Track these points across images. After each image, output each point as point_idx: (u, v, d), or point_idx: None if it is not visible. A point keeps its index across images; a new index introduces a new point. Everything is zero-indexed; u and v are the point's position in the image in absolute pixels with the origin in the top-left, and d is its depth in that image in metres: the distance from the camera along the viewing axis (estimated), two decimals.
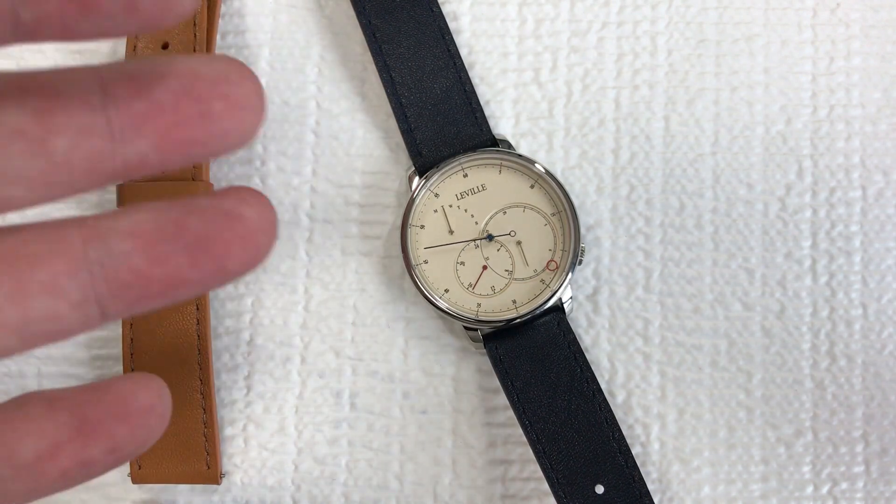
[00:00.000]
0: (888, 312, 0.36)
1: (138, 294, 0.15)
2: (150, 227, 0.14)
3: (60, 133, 0.14)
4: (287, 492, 0.36)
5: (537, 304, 0.34)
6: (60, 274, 0.14)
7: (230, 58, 0.15)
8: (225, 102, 0.14)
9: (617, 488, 0.33)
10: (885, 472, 0.35)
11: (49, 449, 0.15)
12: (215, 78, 0.14)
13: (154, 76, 0.14)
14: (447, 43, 0.36)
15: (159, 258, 0.14)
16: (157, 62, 0.14)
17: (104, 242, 0.14)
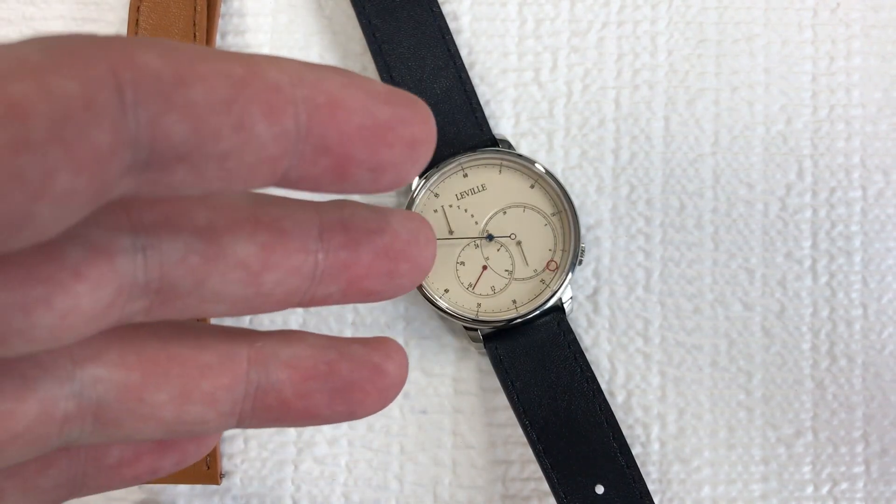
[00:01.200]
0: (888, 312, 0.36)
1: (273, 417, 0.16)
2: (308, 363, 0.16)
3: (275, 270, 0.15)
4: (287, 492, 0.36)
5: (537, 304, 0.34)
6: (222, 388, 0.15)
7: (420, 218, 0.16)
8: (410, 265, 0.16)
9: (617, 488, 0.33)
10: (886, 472, 0.35)
11: (131, 457, 0.17)
12: (408, 239, 0.16)
13: (365, 232, 0.15)
14: (447, 43, 0.36)
15: (305, 394, 0.16)
16: (370, 216, 0.16)
17: (265, 367, 0.16)
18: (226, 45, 0.38)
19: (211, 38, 0.37)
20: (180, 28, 0.36)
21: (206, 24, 0.36)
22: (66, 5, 0.38)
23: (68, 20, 0.38)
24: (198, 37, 0.36)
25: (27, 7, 0.38)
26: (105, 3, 0.38)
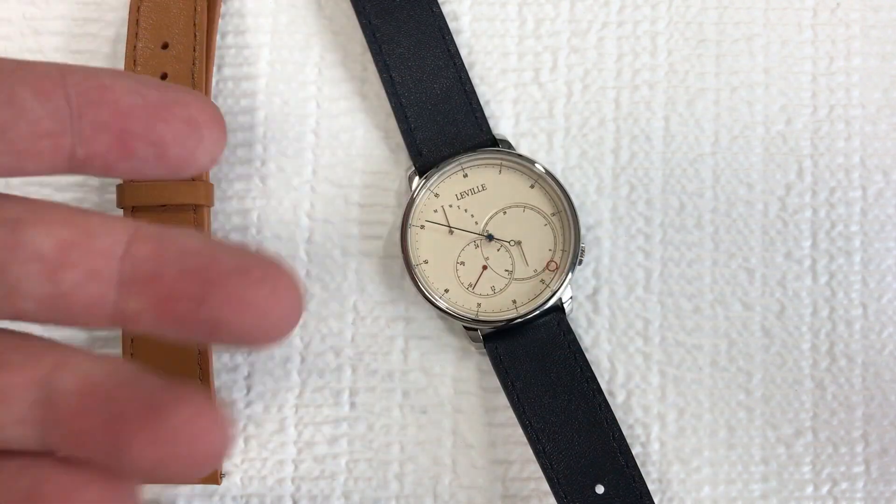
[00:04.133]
0: (888, 312, 0.36)
1: (63, 435, 0.15)
2: (87, 390, 0.15)
3: (73, 268, 0.15)
4: (287, 492, 0.36)
5: (537, 304, 0.34)
6: (17, 387, 0.15)
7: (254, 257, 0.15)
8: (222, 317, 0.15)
9: (617, 488, 0.33)
10: (886, 472, 0.35)
11: None
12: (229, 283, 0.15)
13: (177, 249, 0.15)
14: (447, 43, 0.36)
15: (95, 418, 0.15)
16: (188, 242, 0.15)
17: (59, 377, 0.15)
18: (226, 44, 0.38)
19: (211, 38, 0.37)
20: (180, 28, 0.36)
21: (206, 24, 0.36)
22: (66, 5, 0.38)
23: (68, 20, 0.38)
24: (198, 37, 0.36)
25: (27, 7, 0.38)
26: (105, 3, 0.38)
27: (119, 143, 0.15)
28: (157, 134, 0.15)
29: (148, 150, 0.15)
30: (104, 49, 0.38)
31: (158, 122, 0.15)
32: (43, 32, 0.38)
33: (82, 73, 0.15)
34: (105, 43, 0.38)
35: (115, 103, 0.15)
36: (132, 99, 0.15)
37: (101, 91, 0.15)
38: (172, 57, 0.36)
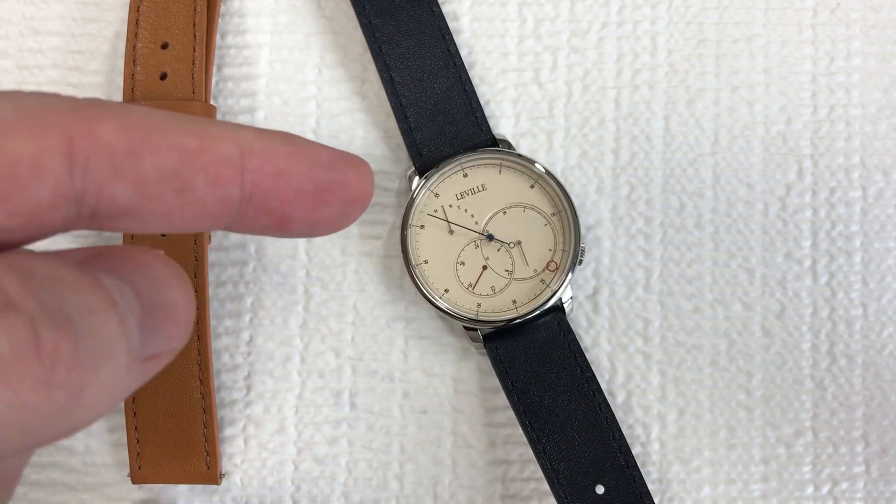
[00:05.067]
0: (888, 312, 0.36)
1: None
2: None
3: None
4: (287, 492, 0.36)
5: (537, 304, 0.34)
6: None
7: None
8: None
9: (617, 488, 0.33)
10: (886, 472, 0.35)
11: None
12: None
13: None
14: (447, 43, 0.36)
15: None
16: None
17: None
18: (226, 44, 0.38)
19: (211, 38, 0.37)
20: (180, 28, 0.36)
21: (205, 25, 0.36)
22: (65, 5, 0.38)
23: (68, 20, 0.38)
24: (198, 37, 0.36)
25: (27, 7, 0.38)
26: (105, 3, 0.38)
27: (278, 225, 0.15)
28: (316, 217, 0.15)
29: (303, 228, 0.15)
30: (104, 49, 0.38)
31: (320, 206, 0.15)
32: (42, 32, 0.38)
33: (262, 156, 0.15)
34: (104, 42, 0.38)
35: (287, 190, 0.15)
36: (303, 185, 0.15)
37: (276, 179, 0.15)
38: (172, 57, 0.35)
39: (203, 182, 0.14)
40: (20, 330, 0.12)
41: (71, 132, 0.13)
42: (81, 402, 0.13)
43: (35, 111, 0.13)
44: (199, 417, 0.35)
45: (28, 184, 0.13)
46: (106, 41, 0.38)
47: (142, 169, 0.14)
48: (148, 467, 0.34)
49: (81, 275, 0.13)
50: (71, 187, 0.13)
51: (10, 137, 0.13)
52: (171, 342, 0.15)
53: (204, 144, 0.14)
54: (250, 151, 0.15)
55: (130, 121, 0.14)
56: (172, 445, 0.34)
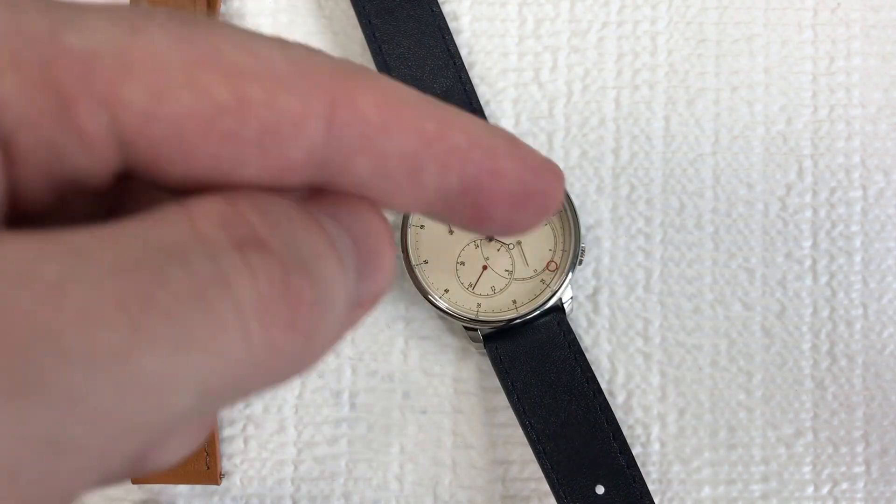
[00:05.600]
0: (888, 312, 0.36)
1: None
2: None
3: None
4: (287, 492, 0.36)
5: (537, 304, 0.34)
6: None
7: None
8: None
9: (617, 488, 0.33)
10: (886, 472, 0.35)
11: None
12: None
13: None
14: (447, 43, 0.36)
15: None
16: None
17: None
18: None
19: None
20: None
21: None
22: None
23: None
24: None
25: None
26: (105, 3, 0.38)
27: (474, 220, 0.15)
28: (511, 220, 0.15)
29: (491, 227, 0.15)
30: None
31: (520, 211, 0.15)
32: None
33: (486, 151, 0.15)
34: None
35: (497, 191, 0.15)
36: (514, 187, 0.15)
37: (492, 176, 0.15)
38: None
39: (433, 169, 0.14)
40: (275, 270, 0.12)
41: (335, 97, 0.13)
42: (312, 348, 0.13)
43: (305, 67, 0.13)
44: None
45: (287, 142, 0.13)
46: None
47: (387, 147, 0.13)
48: None
49: (308, 217, 0.13)
50: (322, 152, 0.13)
51: (279, 91, 0.12)
52: (378, 289, 0.15)
53: (442, 130, 0.14)
54: (477, 144, 0.14)
55: (387, 94, 0.14)
56: None
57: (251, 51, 0.12)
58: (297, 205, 0.13)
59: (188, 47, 0.12)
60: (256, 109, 0.12)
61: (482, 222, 0.15)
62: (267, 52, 0.13)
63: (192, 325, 0.11)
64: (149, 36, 0.12)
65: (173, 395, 0.11)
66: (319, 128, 0.13)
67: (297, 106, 0.13)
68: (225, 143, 0.12)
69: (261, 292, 0.12)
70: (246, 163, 0.13)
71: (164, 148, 0.12)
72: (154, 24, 0.12)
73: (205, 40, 0.12)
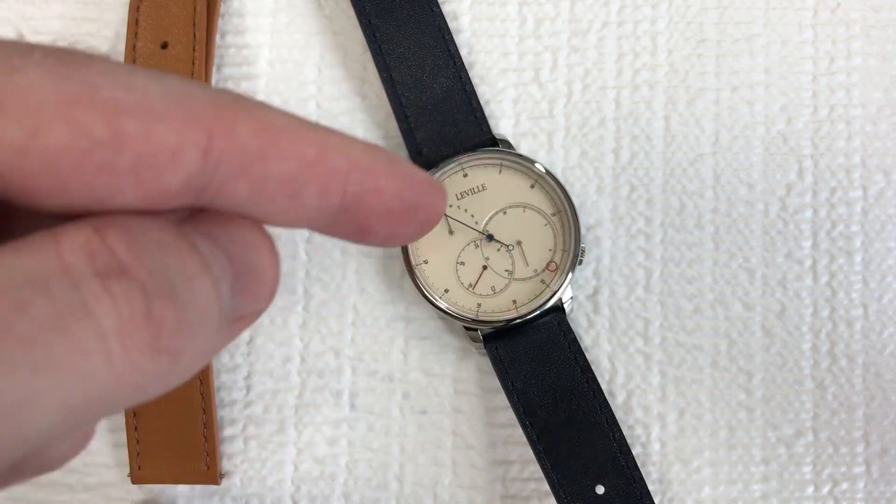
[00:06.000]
0: (889, 312, 0.36)
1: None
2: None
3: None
4: (287, 492, 0.36)
5: (537, 305, 0.34)
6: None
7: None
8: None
9: (617, 489, 0.33)
10: (886, 472, 0.35)
11: None
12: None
13: None
14: (447, 43, 0.36)
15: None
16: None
17: None
18: (225, 44, 0.38)
19: (211, 37, 0.37)
20: (180, 28, 0.36)
21: (205, 24, 0.36)
22: (65, 5, 0.38)
23: (67, 20, 0.38)
24: (197, 36, 0.36)
25: (26, 7, 0.38)
26: (104, 3, 0.38)
27: (357, 234, 0.16)
28: (394, 233, 0.16)
29: (377, 240, 0.16)
30: (103, 49, 0.38)
31: (401, 225, 0.16)
32: (42, 32, 0.38)
33: (366, 171, 0.15)
34: (104, 42, 0.38)
35: (377, 208, 0.15)
36: (393, 204, 0.16)
37: (372, 194, 0.15)
38: (172, 56, 0.35)
39: (313, 190, 0.15)
40: (135, 296, 0.12)
41: (212, 128, 0.13)
42: (179, 365, 0.13)
43: (182, 100, 0.13)
44: (199, 417, 0.35)
45: (163, 171, 0.13)
46: (106, 41, 0.38)
47: (265, 172, 0.14)
48: (148, 467, 0.34)
49: (181, 240, 0.14)
50: (200, 179, 0.13)
51: (156, 123, 0.13)
52: (257, 304, 0.15)
53: (321, 155, 0.15)
54: (356, 166, 0.15)
55: (265, 123, 0.14)
56: (172, 445, 0.34)
57: (127, 85, 0.13)
58: (171, 227, 0.14)
59: (65, 84, 0.12)
60: (131, 142, 0.13)
61: (364, 236, 0.16)
62: (143, 86, 0.13)
63: (52, 350, 0.12)
64: (25, 74, 0.12)
65: (33, 416, 0.12)
66: (196, 157, 0.13)
67: (173, 137, 0.13)
68: (100, 174, 0.13)
69: (122, 318, 0.12)
70: (122, 191, 0.13)
71: (39, 180, 0.12)
72: (31, 62, 0.12)
73: (81, 76, 0.13)
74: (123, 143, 0.13)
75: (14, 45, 0.13)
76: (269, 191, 0.14)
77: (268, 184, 0.14)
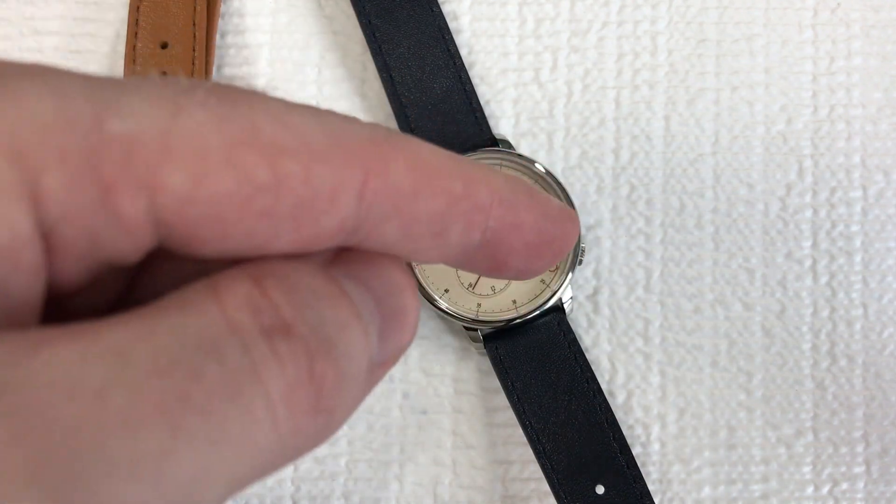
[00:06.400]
0: (889, 312, 0.36)
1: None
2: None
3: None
4: (287, 492, 0.36)
5: (537, 305, 0.34)
6: None
7: None
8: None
9: (617, 488, 0.33)
10: (886, 472, 0.35)
11: None
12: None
13: None
14: (447, 43, 0.36)
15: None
16: None
17: None
18: (225, 44, 0.38)
19: (210, 37, 0.37)
20: (180, 28, 0.36)
21: (205, 24, 0.36)
22: (65, 5, 0.38)
23: (68, 20, 0.38)
24: (197, 36, 0.36)
25: (27, 7, 0.38)
26: (105, 3, 0.38)
27: (492, 268, 0.15)
28: (529, 266, 0.15)
29: (507, 274, 0.16)
30: (103, 49, 0.38)
31: (536, 259, 0.15)
32: (42, 32, 0.38)
33: (508, 206, 0.15)
34: (104, 42, 0.38)
35: (515, 243, 0.15)
36: (532, 238, 0.15)
37: (512, 230, 0.15)
38: (172, 56, 0.35)
39: (459, 227, 0.14)
40: (301, 357, 0.12)
41: (368, 168, 0.13)
42: (335, 421, 0.13)
43: (339, 139, 0.13)
44: None
45: (320, 215, 0.13)
46: (106, 41, 0.38)
47: (416, 211, 0.14)
48: None
49: (332, 286, 0.13)
50: (354, 221, 0.13)
51: (317, 164, 0.12)
52: (401, 346, 0.15)
53: (468, 189, 0.14)
54: (500, 200, 0.15)
55: (418, 160, 0.14)
56: None
57: (288, 125, 0.12)
58: (322, 272, 0.13)
59: (227, 125, 0.12)
60: (293, 186, 0.12)
61: (499, 270, 0.15)
62: (303, 125, 0.13)
63: (225, 420, 0.11)
64: (189, 116, 0.12)
65: (206, 490, 0.11)
66: (352, 199, 0.13)
67: (332, 179, 0.13)
68: (261, 220, 0.12)
69: (288, 381, 0.12)
70: (279, 237, 0.13)
71: (202, 228, 0.12)
72: (195, 103, 0.12)
73: (243, 116, 0.12)
74: (285, 187, 0.12)
75: (176, 82, 0.12)
76: (417, 230, 0.14)
77: (417, 223, 0.14)
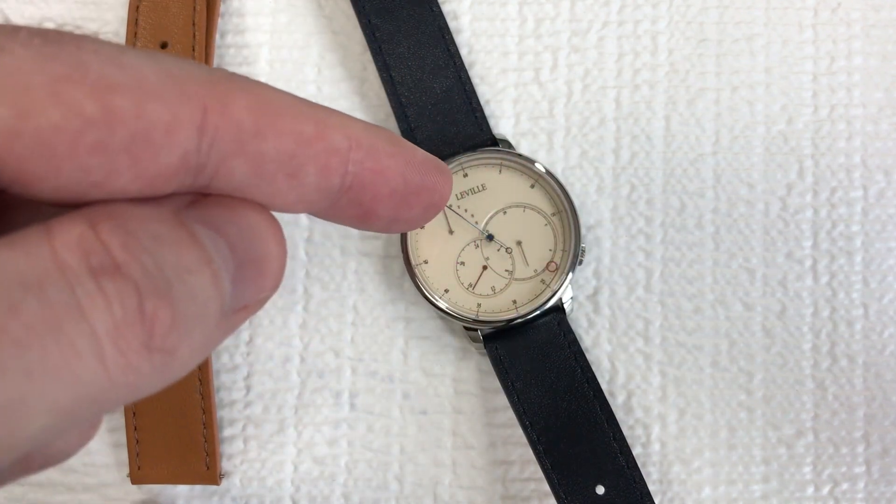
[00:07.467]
0: (889, 313, 0.36)
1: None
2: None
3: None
4: (287, 492, 0.36)
5: (538, 305, 0.34)
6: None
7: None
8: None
9: (617, 489, 0.33)
10: (886, 472, 0.35)
11: None
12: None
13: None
14: (447, 42, 0.36)
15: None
16: None
17: None
18: (225, 44, 0.38)
19: (210, 37, 0.37)
20: (179, 27, 0.36)
21: (205, 24, 0.36)
22: (65, 5, 0.38)
23: (67, 20, 0.38)
24: (197, 36, 0.36)
25: (26, 6, 0.38)
26: (104, 3, 0.38)
27: (361, 217, 0.16)
28: (398, 216, 0.16)
29: (382, 224, 0.16)
30: None
31: (405, 208, 0.16)
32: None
33: (367, 151, 0.15)
34: None
35: (380, 189, 0.15)
36: (397, 185, 0.15)
37: (374, 175, 0.15)
38: None
39: (313, 169, 0.14)
40: (128, 296, 0.12)
41: (206, 104, 0.13)
42: (176, 362, 0.13)
43: (176, 77, 0.13)
44: (199, 418, 0.35)
45: (159, 150, 0.13)
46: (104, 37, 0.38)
47: (263, 150, 0.14)
48: (147, 467, 0.34)
49: (180, 231, 0.13)
50: (195, 158, 0.13)
51: (150, 101, 0.13)
52: (261, 293, 0.15)
53: (320, 132, 0.14)
54: (357, 144, 0.15)
55: (260, 99, 0.14)
56: (172, 445, 0.34)
57: (119, 63, 0.13)
58: (171, 216, 0.13)
59: (52, 63, 0.12)
60: (124, 120, 0.12)
61: (367, 220, 0.16)
62: (136, 65, 0.13)
63: (45, 353, 0.11)
64: (11, 55, 0.12)
65: (25, 419, 0.11)
66: (191, 134, 0.13)
67: (167, 114, 0.13)
68: (94, 154, 0.12)
69: (115, 318, 0.12)
70: (117, 172, 0.13)
71: (32, 163, 0.12)
72: (17, 43, 0.12)
73: (70, 55, 0.12)
74: (116, 121, 0.12)
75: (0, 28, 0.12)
76: (267, 170, 0.14)
77: (266, 162, 0.14)
